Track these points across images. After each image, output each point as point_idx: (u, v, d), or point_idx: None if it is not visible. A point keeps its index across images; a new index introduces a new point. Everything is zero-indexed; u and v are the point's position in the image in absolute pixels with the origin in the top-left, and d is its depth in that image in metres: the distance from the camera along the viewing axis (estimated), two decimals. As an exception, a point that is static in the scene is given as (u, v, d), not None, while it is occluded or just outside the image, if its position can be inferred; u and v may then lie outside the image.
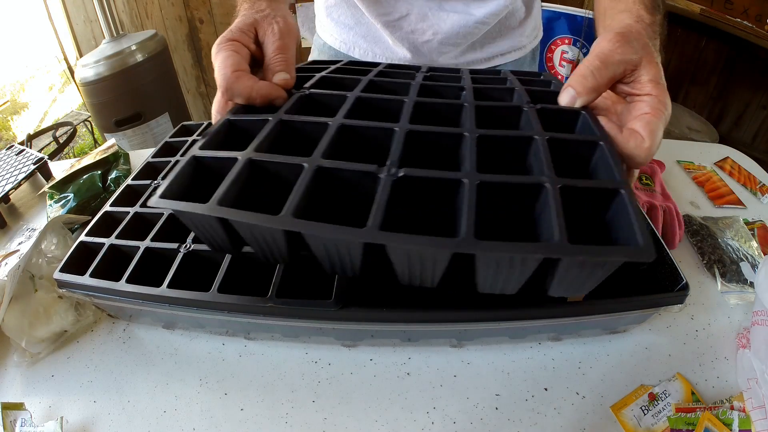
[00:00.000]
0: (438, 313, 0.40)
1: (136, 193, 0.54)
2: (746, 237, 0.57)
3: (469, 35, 0.67)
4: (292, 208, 0.26)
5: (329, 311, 0.38)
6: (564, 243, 0.25)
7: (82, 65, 1.80)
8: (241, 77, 0.37)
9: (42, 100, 2.81)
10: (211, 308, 0.40)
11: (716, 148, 0.77)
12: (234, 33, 0.40)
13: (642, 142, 0.34)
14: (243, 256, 0.37)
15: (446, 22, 0.65)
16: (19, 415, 0.40)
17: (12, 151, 0.74)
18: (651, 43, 0.39)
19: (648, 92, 0.36)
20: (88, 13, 2.29)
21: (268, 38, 0.40)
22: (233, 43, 0.39)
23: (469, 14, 0.65)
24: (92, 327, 0.49)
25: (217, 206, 0.27)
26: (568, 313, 0.40)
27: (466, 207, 0.26)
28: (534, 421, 0.39)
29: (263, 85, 0.37)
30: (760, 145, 1.92)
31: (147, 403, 0.41)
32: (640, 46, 0.37)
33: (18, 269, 0.46)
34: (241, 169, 0.29)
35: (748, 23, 1.63)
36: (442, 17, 0.65)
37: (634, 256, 0.25)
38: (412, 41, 0.68)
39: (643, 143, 0.34)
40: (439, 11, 0.65)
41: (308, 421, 0.40)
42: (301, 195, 0.27)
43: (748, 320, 0.47)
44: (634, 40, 0.37)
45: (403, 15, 0.66)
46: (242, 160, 0.30)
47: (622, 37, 0.37)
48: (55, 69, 2.83)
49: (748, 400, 0.40)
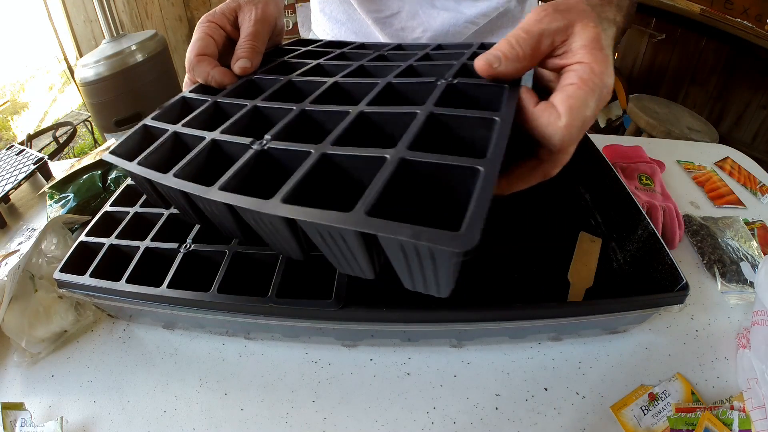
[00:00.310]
0: (438, 313, 0.40)
1: (136, 193, 0.54)
2: (746, 237, 0.57)
3: (458, 34, 0.67)
4: (180, 168, 0.32)
5: (329, 311, 0.38)
6: (369, 218, 0.24)
7: (82, 65, 1.81)
8: (202, 61, 0.42)
9: (42, 100, 2.81)
10: (211, 308, 0.40)
11: (716, 148, 0.77)
12: (216, 15, 0.44)
13: (557, 119, 0.29)
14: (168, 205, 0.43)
15: (436, 20, 0.66)
16: (19, 415, 0.40)
17: (12, 151, 0.74)
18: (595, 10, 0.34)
19: (578, 60, 0.31)
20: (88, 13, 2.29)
21: (244, 24, 0.44)
22: (210, 25, 0.43)
23: (459, 12, 0.65)
24: (92, 327, 0.49)
25: (137, 165, 0.34)
26: (568, 313, 0.40)
27: (297, 176, 0.28)
28: (534, 421, 0.39)
29: (217, 72, 0.42)
30: (760, 145, 1.92)
31: (147, 403, 0.41)
32: (573, 14, 0.32)
33: (18, 269, 0.46)
34: (165, 138, 0.36)
35: (748, 23, 1.63)
36: (432, 15, 0.66)
37: (440, 241, 0.22)
38: (402, 38, 0.68)
39: (558, 120, 0.29)
40: (431, 9, 0.66)
41: (308, 421, 0.40)
42: (189, 160, 0.33)
43: (748, 320, 0.47)
44: (566, 10, 0.33)
45: (395, 12, 0.66)
46: (170, 132, 0.36)
47: (551, 8, 0.33)
48: (55, 69, 2.83)
49: (748, 400, 0.40)
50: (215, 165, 0.33)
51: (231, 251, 0.43)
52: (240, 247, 0.43)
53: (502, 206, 0.53)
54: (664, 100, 1.87)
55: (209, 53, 0.42)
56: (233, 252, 0.42)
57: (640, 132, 1.76)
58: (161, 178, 0.32)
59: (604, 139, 0.73)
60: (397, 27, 0.67)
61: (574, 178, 0.62)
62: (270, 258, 0.42)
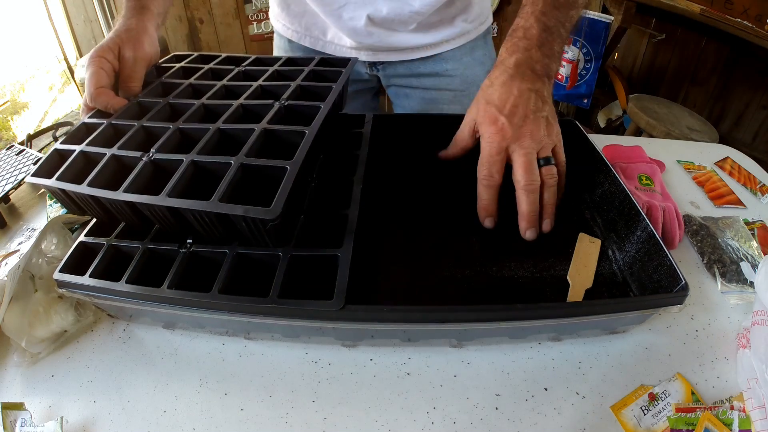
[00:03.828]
0: (438, 312, 0.40)
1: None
2: (746, 237, 0.57)
3: (402, 23, 0.70)
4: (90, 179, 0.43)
5: (330, 311, 0.38)
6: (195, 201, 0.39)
7: (82, 65, 1.80)
8: (101, 93, 0.52)
9: (42, 100, 2.81)
10: (212, 308, 0.40)
11: (716, 148, 0.77)
12: (103, 50, 0.53)
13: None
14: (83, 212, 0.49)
15: (383, 10, 0.68)
16: (19, 415, 0.40)
17: (12, 151, 0.74)
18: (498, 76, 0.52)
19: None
20: (88, 13, 2.29)
21: (123, 63, 0.55)
22: (101, 60, 0.53)
23: (406, 3, 0.67)
24: (92, 327, 0.49)
25: (55, 180, 0.43)
26: (567, 314, 0.40)
27: (175, 177, 0.41)
28: (534, 421, 0.39)
29: (115, 102, 0.52)
30: (760, 145, 1.92)
31: (147, 403, 0.41)
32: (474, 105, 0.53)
33: (18, 269, 0.46)
34: (75, 157, 0.46)
35: (748, 23, 1.63)
36: (378, 5, 0.68)
37: (258, 213, 0.37)
38: (352, 27, 0.71)
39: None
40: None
41: (308, 421, 0.40)
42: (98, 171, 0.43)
43: (748, 320, 0.47)
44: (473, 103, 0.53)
45: (342, 4, 0.69)
46: (77, 151, 0.46)
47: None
48: (55, 69, 2.82)
49: (748, 400, 0.40)
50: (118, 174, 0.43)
51: (231, 252, 0.43)
52: (240, 248, 0.43)
53: (503, 206, 0.53)
54: (664, 100, 1.87)
55: (105, 85, 0.52)
56: (234, 253, 0.43)
57: (640, 132, 1.76)
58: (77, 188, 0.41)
59: (604, 139, 0.73)
60: (346, 18, 0.70)
61: (574, 180, 0.62)
62: (270, 258, 0.42)
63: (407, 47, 0.75)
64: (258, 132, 0.46)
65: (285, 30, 0.80)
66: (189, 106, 0.51)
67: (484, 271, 0.49)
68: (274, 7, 0.81)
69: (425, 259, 0.51)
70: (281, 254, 0.42)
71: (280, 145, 0.46)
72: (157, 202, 0.39)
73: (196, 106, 0.51)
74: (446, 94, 0.82)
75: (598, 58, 1.80)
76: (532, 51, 0.51)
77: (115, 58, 0.54)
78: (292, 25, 0.78)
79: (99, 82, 0.52)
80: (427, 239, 0.54)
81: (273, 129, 0.46)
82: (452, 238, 0.53)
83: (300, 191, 0.50)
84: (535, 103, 0.50)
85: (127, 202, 0.41)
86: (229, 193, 0.39)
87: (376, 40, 0.72)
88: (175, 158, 0.43)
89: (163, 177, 0.41)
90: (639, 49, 2.16)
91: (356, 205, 0.47)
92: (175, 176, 0.41)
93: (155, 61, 0.61)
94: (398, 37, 0.72)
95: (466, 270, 0.50)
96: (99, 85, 0.52)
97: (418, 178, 0.61)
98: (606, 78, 2.03)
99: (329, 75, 0.58)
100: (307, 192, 0.51)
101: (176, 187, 0.40)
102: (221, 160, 0.42)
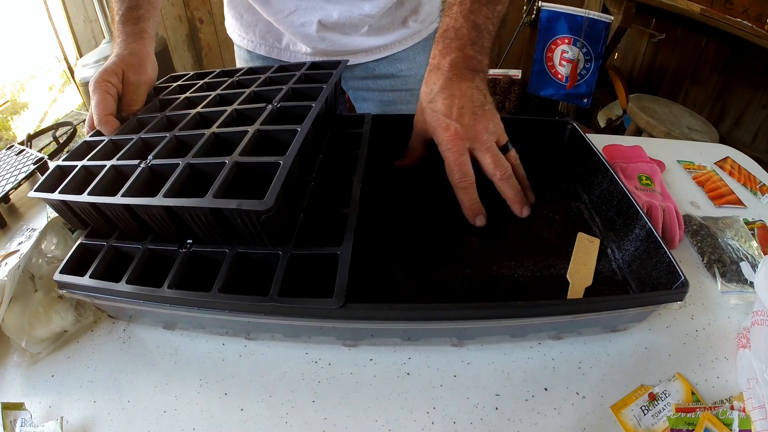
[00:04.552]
0: (439, 310, 0.40)
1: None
2: (746, 237, 0.57)
3: (354, 27, 0.71)
4: (90, 189, 0.44)
5: (330, 309, 0.38)
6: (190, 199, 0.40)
7: (82, 65, 1.81)
8: (109, 120, 0.54)
9: (42, 100, 2.81)
10: (212, 308, 0.40)
11: (716, 148, 0.77)
12: (108, 74, 0.56)
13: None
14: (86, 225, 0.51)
15: (333, 14, 0.69)
16: (19, 415, 0.40)
17: (12, 151, 0.74)
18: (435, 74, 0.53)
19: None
20: (88, 13, 2.29)
21: (127, 86, 0.58)
22: (106, 84, 0.55)
23: (355, 7, 0.68)
24: (92, 327, 0.49)
25: (58, 193, 0.45)
26: (568, 311, 0.40)
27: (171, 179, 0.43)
28: (534, 421, 0.39)
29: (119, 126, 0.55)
30: (760, 145, 1.92)
31: (147, 403, 0.41)
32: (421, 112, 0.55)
33: (18, 269, 0.46)
34: (77, 171, 0.48)
35: (748, 23, 1.62)
36: (328, 9, 0.69)
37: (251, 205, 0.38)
38: (304, 33, 0.71)
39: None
40: (326, 3, 0.69)
41: (308, 421, 0.40)
42: (97, 181, 0.45)
43: (748, 320, 0.47)
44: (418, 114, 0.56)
45: (292, 11, 0.69)
46: (80, 166, 0.48)
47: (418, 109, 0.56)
48: (55, 69, 2.82)
49: (748, 400, 0.40)
50: (117, 183, 0.45)
51: (231, 251, 0.43)
52: (240, 248, 0.43)
53: (503, 207, 0.53)
54: (664, 100, 1.87)
55: (111, 111, 0.55)
56: (234, 252, 0.43)
57: (640, 132, 1.76)
58: (79, 198, 0.44)
59: (604, 139, 0.73)
60: (297, 24, 0.71)
61: (572, 178, 0.62)
62: (270, 257, 0.42)
63: (360, 50, 0.75)
64: (252, 133, 0.47)
65: (241, 40, 0.81)
66: (185, 116, 0.53)
67: (484, 270, 0.49)
68: (229, 18, 0.82)
69: (425, 258, 0.51)
70: (281, 253, 0.42)
71: (274, 145, 0.47)
72: (152, 203, 0.40)
73: (191, 114, 0.53)
74: (403, 94, 0.83)
75: (598, 57, 1.80)
76: (466, 49, 0.52)
77: (119, 81, 0.57)
78: (248, 35, 0.79)
79: (107, 108, 0.54)
80: (427, 238, 0.54)
81: (266, 129, 0.48)
82: (452, 237, 0.54)
83: (298, 189, 0.50)
84: (478, 99, 0.52)
85: (125, 207, 0.42)
86: (224, 190, 0.40)
87: (329, 44, 0.73)
88: (172, 162, 0.45)
89: (161, 182, 0.42)
90: (639, 49, 2.16)
91: (356, 204, 0.47)
92: (171, 178, 0.42)
93: (154, 83, 0.64)
94: (351, 40, 0.73)
95: (466, 269, 0.50)
96: (107, 112, 0.54)
97: (418, 177, 0.61)
98: (606, 78, 2.03)
99: (320, 77, 0.59)
100: (307, 191, 0.51)
101: (172, 189, 0.41)
102: (216, 160, 0.44)
